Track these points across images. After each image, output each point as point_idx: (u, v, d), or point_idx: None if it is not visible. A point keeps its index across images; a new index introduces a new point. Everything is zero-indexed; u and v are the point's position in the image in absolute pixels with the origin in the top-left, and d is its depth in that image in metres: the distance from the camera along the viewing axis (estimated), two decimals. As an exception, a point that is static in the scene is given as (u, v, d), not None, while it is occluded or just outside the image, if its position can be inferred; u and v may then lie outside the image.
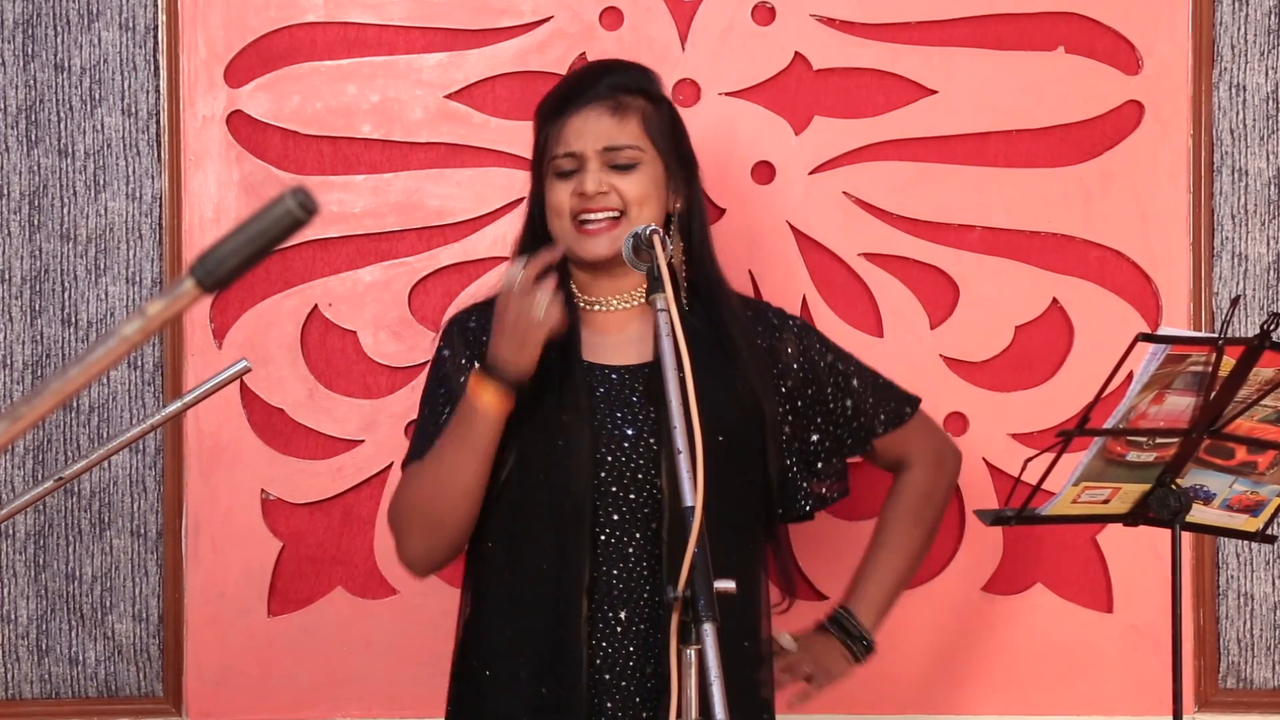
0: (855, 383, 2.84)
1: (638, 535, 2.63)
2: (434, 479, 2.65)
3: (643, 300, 2.71)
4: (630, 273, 2.66)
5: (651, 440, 2.64)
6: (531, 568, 2.65)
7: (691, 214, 2.77)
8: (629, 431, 2.65)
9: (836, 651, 2.86)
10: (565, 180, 2.69)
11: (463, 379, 2.68)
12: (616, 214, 2.67)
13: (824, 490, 2.84)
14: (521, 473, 2.65)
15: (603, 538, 2.63)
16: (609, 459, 2.64)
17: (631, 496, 2.64)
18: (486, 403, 2.59)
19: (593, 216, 2.67)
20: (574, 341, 2.69)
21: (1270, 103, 3.31)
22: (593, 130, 2.69)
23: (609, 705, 2.63)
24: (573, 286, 2.74)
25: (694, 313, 2.71)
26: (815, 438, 2.81)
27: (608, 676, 2.63)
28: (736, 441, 2.65)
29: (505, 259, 3.28)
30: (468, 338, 2.74)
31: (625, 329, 2.74)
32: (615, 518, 2.64)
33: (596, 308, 2.75)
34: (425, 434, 2.72)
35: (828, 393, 2.81)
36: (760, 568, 2.76)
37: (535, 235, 2.75)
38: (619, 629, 2.63)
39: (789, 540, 2.88)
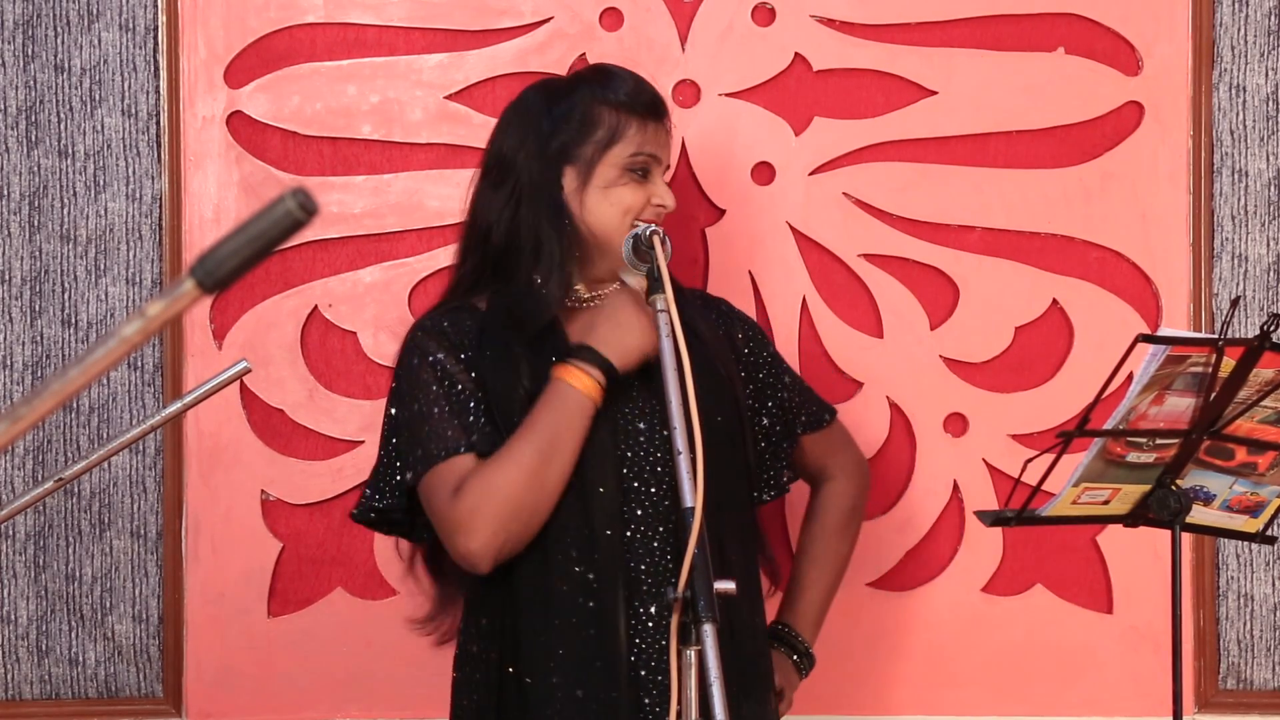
0: (787, 379, 2.91)
1: (661, 529, 2.64)
2: (534, 471, 2.57)
3: None
4: (614, 272, 2.71)
5: (665, 432, 2.64)
6: (566, 570, 2.63)
7: None
8: (641, 425, 2.66)
9: (788, 665, 2.92)
10: (641, 183, 2.73)
11: (473, 374, 2.65)
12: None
13: (784, 477, 2.90)
14: None
15: (628, 534, 2.64)
16: (629, 454, 2.65)
17: (653, 490, 2.64)
18: (589, 387, 2.59)
19: (656, 227, 2.68)
20: (565, 342, 2.68)
21: (1270, 104, 3.31)
22: (666, 143, 2.79)
23: (646, 701, 2.63)
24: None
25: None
26: (771, 423, 2.86)
27: (643, 672, 2.63)
28: (726, 423, 2.69)
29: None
30: (449, 339, 2.70)
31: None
32: (640, 513, 2.64)
33: (576, 303, 2.75)
34: (436, 433, 2.64)
35: (772, 382, 2.87)
36: (755, 530, 2.81)
37: (560, 214, 2.72)
38: (650, 624, 2.63)
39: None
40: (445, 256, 3.31)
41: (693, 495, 2.28)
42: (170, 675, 3.29)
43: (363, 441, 3.29)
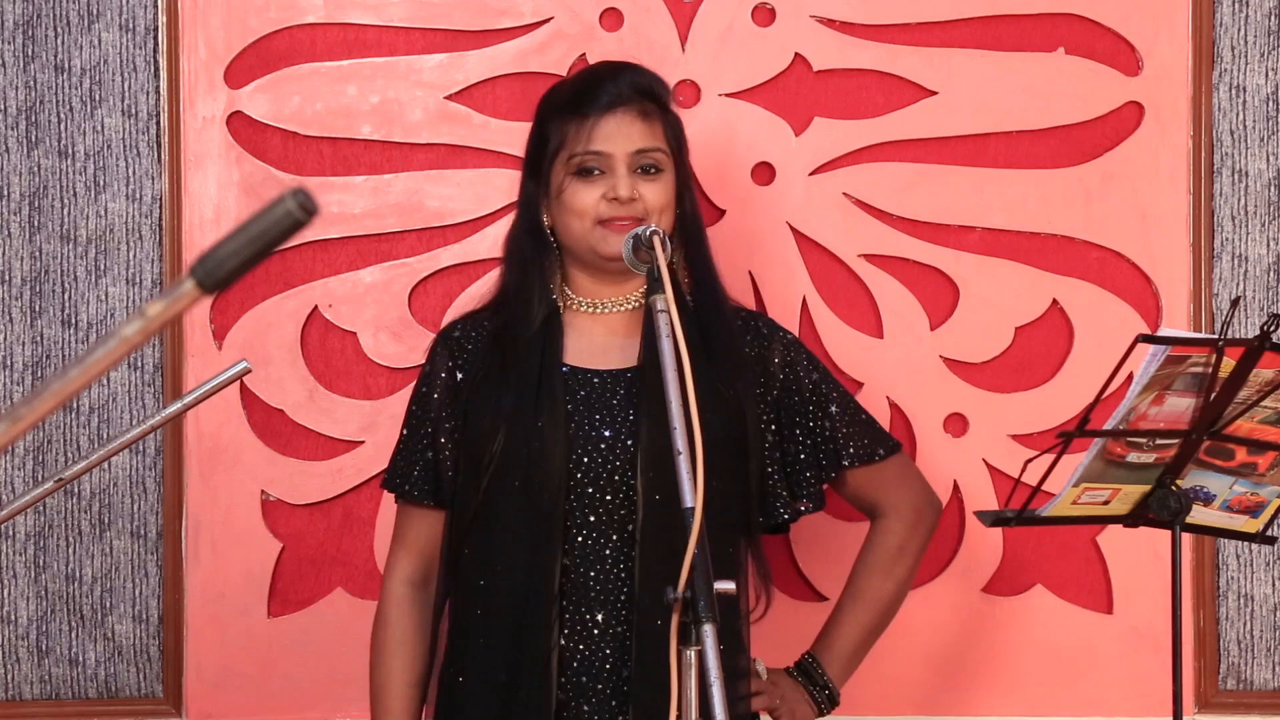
0: (834, 408, 2.83)
1: (614, 537, 2.65)
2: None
3: (639, 305, 2.74)
4: (632, 277, 2.69)
5: (629, 442, 2.65)
6: (505, 571, 2.68)
7: (690, 221, 2.79)
8: (606, 433, 2.67)
9: (801, 696, 2.86)
10: (588, 182, 2.70)
11: (436, 395, 2.74)
12: (640, 219, 2.68)
13: (800, 506, 2.83)
14: (498, 479, 2.68)
15: (579, 538, 2.65)
16: (585, 460, 2.65)
17: (608, 498, 2.65)
18: None
19: (620, 221, 2.68)
20: (554, 346, 2.70)
21: (1270, 104, 3.31)
22: (624, 133, 2.71)
23: (585, 708, 2.63)
24: (566, 288, 2.76)
25: (685, 317, 2.72)
26: (796, 450, 2.81)
27: (584, 679, 2.63)
28: (718, 446, 2.65)
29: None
30: (451, 348, 2.78)
31: (613, 333, 2.75)
32: (592, 519, 2.65)
33: (591, 309, 2.76)
34: (401, 455, 2.80)
35: (809, 409, 2.82)
36: (740, 573, 2.75)
37: (534, 233, 2.76)
38: (595, 631, 2.64)
39: (762, 549, 2.86)
40: (446, 257, 3.31)
41: (692, 495, 2.28)
42: (170, 675, 3.29)
43: (363, 442, 3.29)
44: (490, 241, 3.30)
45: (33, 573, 3.30)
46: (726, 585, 2.27)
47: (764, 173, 3.31)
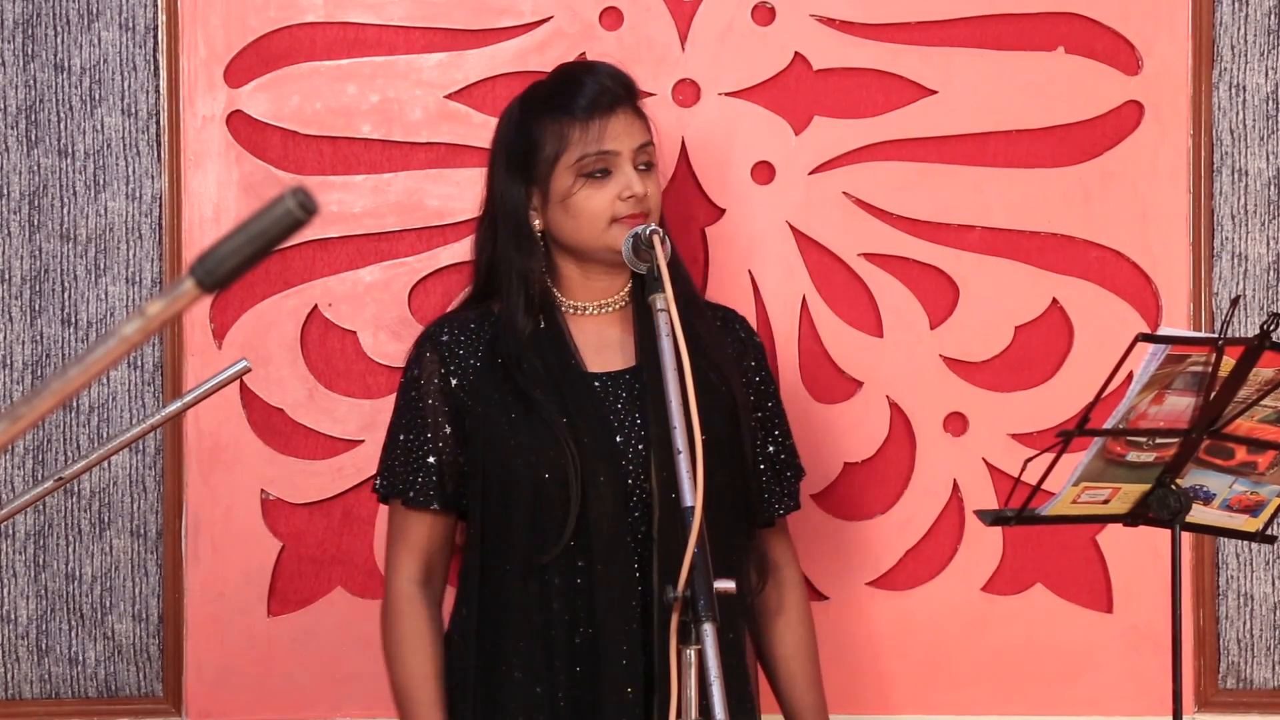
0: (777, 433, 2.85)
1: (627, 538, 2.65)
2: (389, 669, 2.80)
3: (624, 305, 2.74)
4: (619, 276, 2.70)
5: (640, 446, 2.65)
6: (523, 574, 2.68)
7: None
8: (616, 439, 2.66)
9: None
10: (600, 183, 2.69)
11: (431, 401, 2.73)
12: (647, 214, 2.69)
13: (779, 507, 2.84)
14: (511, 486, 2.69)
15: (596, 542, 2.65)
16: (595, 465, 2.65)
17: (621, 502, 2.65)
18: None
19: (636, 217, 2.67)
20: (561, 350, 2.70)
21: (1270, 103, 3.31)
22: (626, 130, 2.71)
23: (629, 690, 2.64)
24: (555, 291, 2.75)
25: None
26: (776, 451, 2.83)
27: (624, 662, 2.64)
28: (716, 439, 2.66)
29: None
30: (441, 353, 2.76)
31: (604, 334, 2.75)
32: (605, 525, 2.65)
33: (579, 310, 2.76)
34: (399, 461, 2.76)
35: (776, 419, 2.84)
36: (742, 565, 2.76)
37: (520, 234, 2.74)
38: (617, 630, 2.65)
39: (762, 543, 2.88)
40: (445, 256, 3.31)
41: (692, 494, 2.28)
42: (170, 674, 3.29)
43: (363, 441, 3.29)
44: (490, 240, 3.31)
45: (32, 572, 3.30)
46: (726, 584, 2.27)
47: (764, 172, 3.31)
